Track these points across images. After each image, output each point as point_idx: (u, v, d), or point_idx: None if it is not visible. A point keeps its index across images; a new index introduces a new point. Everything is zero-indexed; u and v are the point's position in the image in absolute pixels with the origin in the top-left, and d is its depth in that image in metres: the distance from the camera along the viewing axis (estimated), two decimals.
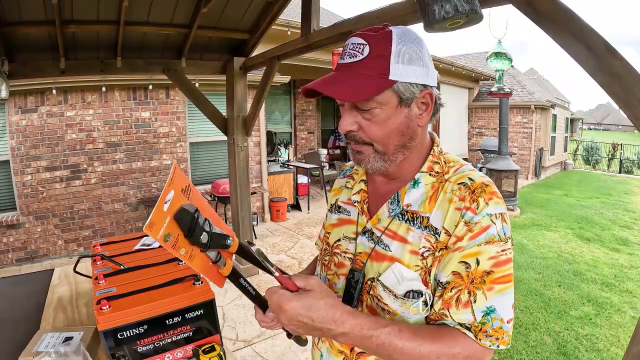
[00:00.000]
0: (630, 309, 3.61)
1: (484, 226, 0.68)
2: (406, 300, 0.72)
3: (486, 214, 0.68)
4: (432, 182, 0.77)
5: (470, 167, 0.78)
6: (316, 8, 2.73)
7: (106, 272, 1.29)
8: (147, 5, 2.78)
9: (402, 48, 0.70)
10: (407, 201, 0.77)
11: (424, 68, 0.72)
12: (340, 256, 0.86)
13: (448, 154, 0.82)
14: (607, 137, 25.27)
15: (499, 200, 0.71)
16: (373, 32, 0.71)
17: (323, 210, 6.78)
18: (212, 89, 5.21)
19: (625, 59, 1.05)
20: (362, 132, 0.74)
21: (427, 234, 0.72)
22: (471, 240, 0.68)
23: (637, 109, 1.04)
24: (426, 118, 0.76)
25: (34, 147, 4.41)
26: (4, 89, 2.49)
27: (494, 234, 0.68)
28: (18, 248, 4.43)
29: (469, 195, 0.71)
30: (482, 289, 0.66)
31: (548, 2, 1.19)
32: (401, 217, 0.77)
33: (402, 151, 0.76)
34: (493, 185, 0.73)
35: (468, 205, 0.70)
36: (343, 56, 0.74)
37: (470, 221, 0.68)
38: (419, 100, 0.73)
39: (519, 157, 10.96)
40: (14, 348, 1.15)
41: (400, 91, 0.70)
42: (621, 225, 6.62)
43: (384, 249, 0.77)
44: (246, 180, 3.94)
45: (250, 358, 2.71)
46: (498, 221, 0.69)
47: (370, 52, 0.69)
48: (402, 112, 0.73)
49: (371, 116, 0.72)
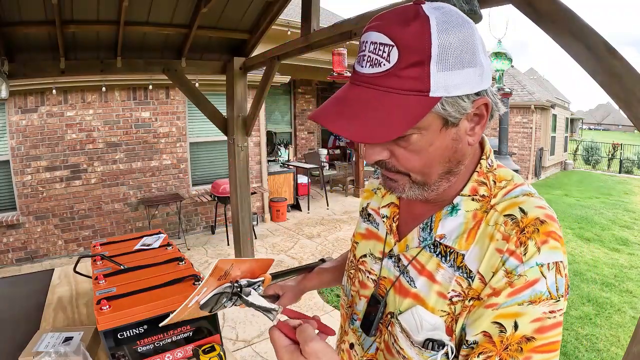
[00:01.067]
0: (630, 309, 3.61)
1: (530, 280, 0.52)
2: (424, 350, 0.60)
3: (535, 264, 0.52)
4: (474, 210, 0.60)
5: (527, 190, 0.61)
6: (316, 8, 2.72)
7: (106, 272, 1.30)
8: (147, 5, 2.78)
9: (446, 44, 0.49)
10: (441, 231, 0.62)
11: (477, 68, 0.52)
12: (364, 274, 0.75)
13: (500, 169, 0.64)
14: (607, 137, 25.28)
15: (556, 244, 0.54)
16: (401, 22, 0.50)
17: (323, 211, 6.79)
18: (212, 89, 5.21)
19: (625, 59, 1.05)
20: (395, 161, 0.57)
21: (460, 275, 0.58)
22: (510, 297, 0.52)
23: (637, 109, 1.04)
24: (479, 133, 0.57)
25: (34, 147, 4.41)
26: (4, 89, 2.49)
27: (542, 291, 0.52)
28: (18, 248, 4.43)
29: (516, 234, 0.54)
30: (518, 359, 0.52)
31: (548, 2, 1.19)
32: (432, 249, 0.63)
33: (447, 178, 0.59)
34: (552, 221, 0.56)
35: (513, 249, 0.54)
36: (361, 61, 0.54)
37: (512, 271, 0.53)
38: (471, 113, 0.55)
39: (519, 157, 10.96)
40: (14, 348, 1.15)
41: (447, 111, 0.52)
42: (621, 225, 6.62)
43: (408, 282, 0.64)
44: (246, 180, 3.94)
45: (250, 358, 2.71)
46: (551, 274, 0.52)
47: (400, 58, 0.49)
48: (448, 135, 0.55)
49: (407, 143, 0.54)
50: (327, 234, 5.51)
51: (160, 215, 5.29)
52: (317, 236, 5.44)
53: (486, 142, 0.65)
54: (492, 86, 0.57)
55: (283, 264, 4.47)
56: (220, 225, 5.68)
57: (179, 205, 5.27)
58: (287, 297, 0.86)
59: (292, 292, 0.88)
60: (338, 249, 4.90)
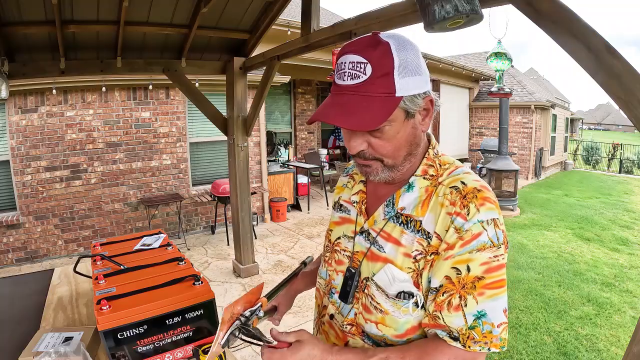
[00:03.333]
0: (630, 309, 3.61)
1: (475, 233, 0.68)
2: (397, 300, 0.74)
3: (477, 221, 0.69)
4: (426, 186, 0.77)
5: (465, 170, 0.78)
6: (316, 8, 2.73)
7: (106, 272, 1.30)
8: (147, 5, 2.78)
9: (402, 60, 0.69)
10: (401, 204, 0.78)
11: (423, 76, 0.73)
12: (340, 253, 0.89)
13: (444, 156, 0.82)
14: (607, 137, 25.27)
15: (491, 205, 0.70)
16: (369, 47, 0.69)
17: (323, 210, 6.78)
18: (212, 89, 5.21)
19: (625, 59, 1.05)
20: (371, 150, 0.74)
21: (420, 237, 0.74)
22: (462, 247, 0.68)
23: (637, 109, 1.04)
24: (428, 123, 0.77)
25: (34, 147, 4.41)
26: (4, 89, 2.49)
27: (485, 241, 0.68)
28: (18, 248, 4.43)
29: (459, 200, 0.71)
30: (473, 294, 0.68)
31: (548, 2, 1.19)
32: (396, 219, 0.78)
33: (408, 159, 0.77)
34: (486, 190, 0.73)
35: (459, 211, 0.70)
36: (342, 77, 0.71)
37: (460, 228, 0.69)
38: (422, 108, 0.74)
39: (519, 157, 10.96)
40: (14, 348, 1.15)
41: (408, 106, 0.71)
42: (621, 225, 6.62)
43: (378, 249, 0.79)
44: (246, 180, 3.94)
45: (250, 358, 2.71)
46: (490, 227, 0.69)
47: (373, 71, 0.67)
48: (409, 125, 0.73)
49: (381, 134, 0.72)
50: None
51: (160, 215, 5.29)
52: (317, 236, 5.44)
53: (432, 137, 0.84)
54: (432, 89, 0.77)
55: (283, 264, 4.47)
56: (220, 225, 5.68)
57: (179, 205, 5.28)
58: (283, 304, 1.05)
59: (285, 299, 1.06)
60: None
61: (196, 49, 3.50)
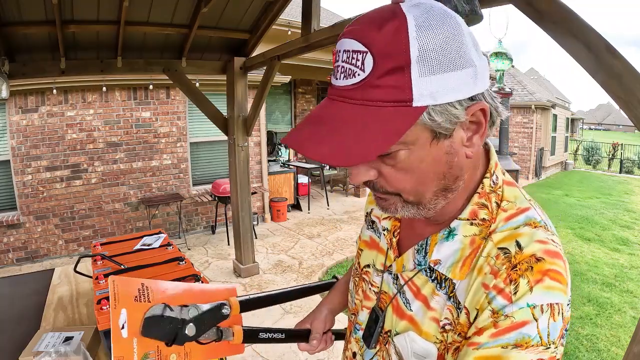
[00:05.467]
0: (630, 309, 3.61)
1: (518, 322, 0.46)
2: None
3: (526, 305, 0.46)
4: (472, 235, 0.54)
5: (531, 216, 0.53)
6: (317, 8, 2.73)
7: (106, 272, 1.30)
8: (148, 5, 2.78)
9: (427, 44, 0.43)
10: (436, 256, 0.56)
11: (469, 69, 0.46)
12: (367, 285, 0.72)
13: (506, 188, 0.56)
14: (608, 137, 25.26)
15: (553, 283, 0.47)
16: (375, 24, 0.44)
17: (324, 210, 6.78)
18: (212, 89, 5.21)
19: (625, 59, 1.05)
20: (383, 181, 0.52)
21: (451, 305, 0.54)
22: (493, 338, 0.46)
23: (638, 109, 1.04)
24: (478, 143, 0.50)
25: (35, 147, 4.41)
26: (5, 89, 2.49)
27: (530, 335, 0.45)
28: (18, 248, 4.43)
29: (506, 270, 0.48)
30: None
31: (548, 2, 1.19)
32: (429, 272, 0.58)
33: (443, 195, 0.53)
34: (552, 258, 0.48)
35: (501, 287, 0.48)
36: (335, 72, 0.48)
37: (499, 311, 0.47)
38: (466, 121, 0.48)
39: (519, 157, 10.96)
40: (15, 347, 1.15)
41: (435, 121, 0.45)
42: (621, 225, 6.62)
43: (405, 304, 0.61)
44: (246, 180, 3.94)
45: (251, 358, 2.71)
46: (543, 317, 0.46)
47: (375, 65, 0.43)
48: (440, 149, 0.48)
49: (395, 161, 0.49)
50: (327, 234, 5.51)
51: (161, 215, 5.29)
52: (318, 236, 5.44)
53: (492, 155, 0.57)
54: (491, 87, 0.51)
55: (283, 263, 4.47)
56: (220, 225, 5.68)
57: (180, 205, 5.28)
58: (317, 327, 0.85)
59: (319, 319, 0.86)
60: (338, 249, 4.90)
61: (196, 48, 3.50)
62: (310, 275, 4.14)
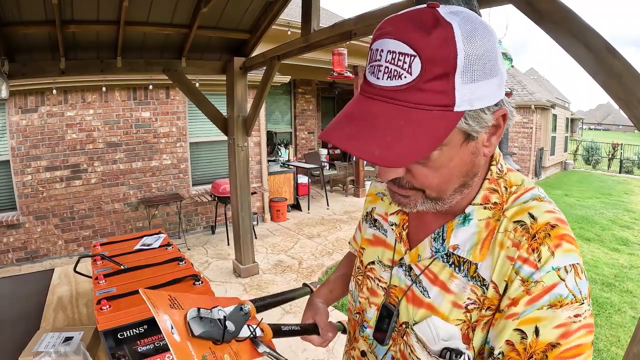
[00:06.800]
0: (630, 309, 3.61)
1: (548, 285, 0.50)
2: (442, 359, 0.59)
3: (552, 268, 0.50)
4: (487, 218, 0.58)
5: (537, 193, 0.59)
6: (316, 8, 2.73)
7: (106, 272, 1.30)
8: (147, 5, 2.78)
9: (472, 54, 0.46)
10: (454, 242, 0.60)
11: (498, 77, 0.49)
12: (374, 282, 0.73)
13: (511, 174, 0.62)
14: (608, 137, 25.26)
15: (570, 246, 0.52)
16: (420, 29, 0.46)
17: (323, 210, 6.78)
18: (212, 89, 5.21)
19: (625, 59, 1.05)
20: (411, 178, 0.55)
21: (474, 284, 0.57)
22: (529, 304, 0.51)
23: (638, 109, 1.04)
24: (495, 143, 0.55)
25: (34, 147, 4.41)
26: (4, 89, 2.49)
27: (562, 294, 0.50)
28: (18, 248, 4.43)
29: (527, 241, 0.53)
30: None
31: (548, 2, 1.19)
32: (446, 258, 0.61)
33: (460, 191, 0.57)
34: (563, 224, 0.54)
35: (525, 256, 0.52)
36: (376, 71, 0.49)
37: (529, 279, 0.51)
38: (490, 125, 0.52)
39: (519, 157, 10.96)
40: (14, 348, 1.15)
41: (470, 125, 0.49)
42: (621, 225, 6.62)
43: (422, 292, 0.63)
44: (246, 180, 3.94)
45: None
46: (569, 276, 0.50)
47: (423, 70, 0.45)
48: (467, 149, 0.53)
49: (427, 160, 0.52)
50: (327, 234, 5.51)
51: (161, 215, 5.29)
52: (318, 236, 5.44)
53: (495, 149, 0.61)
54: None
55: (283, 263, 4.47)
56: (220, 225, 5.68)
57: (179, 205, 5.28)
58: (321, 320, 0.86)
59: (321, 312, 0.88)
60: (338, 249, 4.90)
61: (196, 48, 3.50)
62: (310, 275, 4.14)
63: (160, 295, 0.65)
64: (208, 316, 0.64)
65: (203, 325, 0.62)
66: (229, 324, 0.65)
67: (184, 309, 0.65)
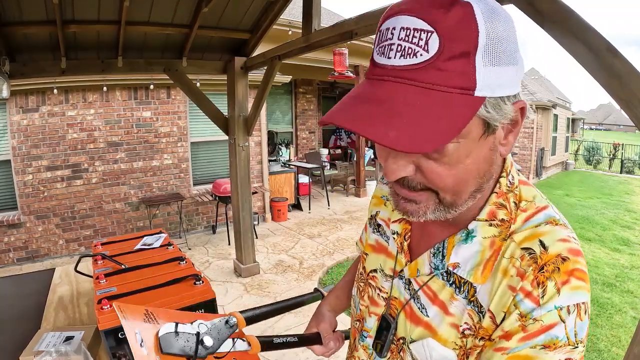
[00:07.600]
0: (631, 309, 3.61)
1: (546, 325, 0.46)
2: None
3: (554, 307, 0.46)
4: (492, 236, 0.52)
5: (551, 215, 0.52)
6: (317, 8, 2.73)
7: (107, 272, 1.30)
8: (148, 5, 2.78)
9: (494, 34, 0.41)
10: (454, 259, 0.55)
11: (518, 66, 0.45)
12: (374, 291, 0.70)
13: (523, 187, 0.55)
14: (609, 137, 25.23)
15: (579, 283, 0.47)
16: (438, 5, 0.41)
17: (324, 210, 6.78)
18: (213, 89, 5.21)
19: (626, 59, 1.05)
20: (421, 177, 0.48)
21: (471, 309, 0.53)
22: (522, 341, 0.46)
23: (638, 109, 1.04)
24: (512, 142, 0.49)
25: (35, 146, 4.42)
26: (5, 89, 2.50)
27: (558, 337, 0.46)
28: (19, 247, 4.44)
29: (533, 272, 0.47)
30: None
31: (549, 2, 1.18)
32: (446, 276, 0.56)
33: (474, 196, 0.50)
34: (576, 257, 0.48)
35: (529, 290, 0.47)
36: (387, 50, 0.44)
37: (527, 315, 0.47)
38: (510, 118, 0.47)
39: (520, 157, 10.95)
40: (15, 347, 1.15)
41: (491, 114, 0.44)
42: (622, 225, 6.61)
43: (420, 309, 0.59)
44: (247, 180, 3.94)
45: None
46: (571, 318, 0.46)
47: (442, 47, 0.40)
48: (486, 144, 0.47)
49: (440, 155, 0.45)
50: (328, 234, 5.51)
51: (161, 215, 5.30)
52: (318, 236, 5.44)
53: (507, 155, 0.54)
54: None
55: (284, 263, 4.47)
56: (221, 225, 5.68)
57: (180, 204, 5.28)
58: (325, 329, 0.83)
59: (326, 322, 0.85)
60: (339, 249, 4.90)
61: (197, 48, 3.51)
62: (311, 275, 4.14)
63: (135, 309, 0.63)
64: (185, 330, 0.62)
65: (176, 341, 0.60)
66: (206, 339, 0.62)
67: (159, 324, 0.63)
